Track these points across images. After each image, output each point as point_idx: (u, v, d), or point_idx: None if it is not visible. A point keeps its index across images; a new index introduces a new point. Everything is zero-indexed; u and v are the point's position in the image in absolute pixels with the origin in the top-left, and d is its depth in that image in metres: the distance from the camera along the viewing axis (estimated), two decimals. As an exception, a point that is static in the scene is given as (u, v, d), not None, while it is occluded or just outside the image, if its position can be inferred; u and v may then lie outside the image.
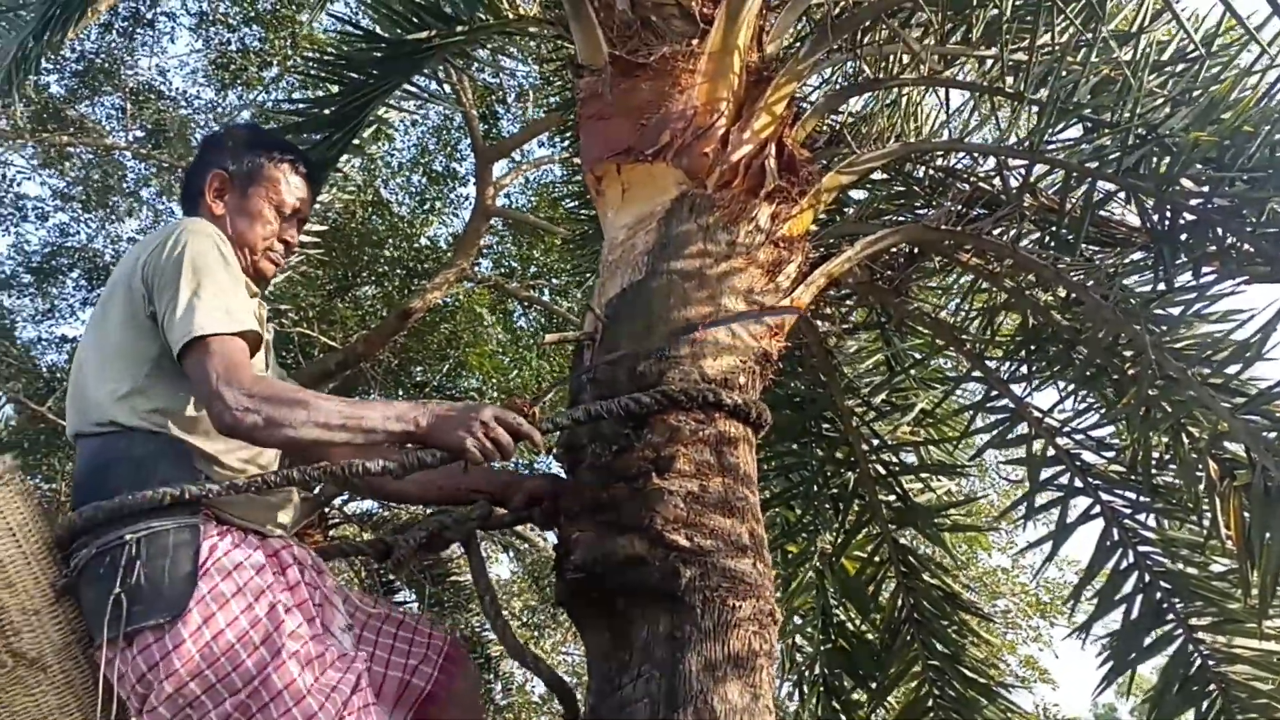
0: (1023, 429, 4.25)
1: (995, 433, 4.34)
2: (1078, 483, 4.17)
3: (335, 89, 5.24)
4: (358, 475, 2.65)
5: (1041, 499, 4.29)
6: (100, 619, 2.35)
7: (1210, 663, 3.98)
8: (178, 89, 15.38)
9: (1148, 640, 4.08)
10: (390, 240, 14.11)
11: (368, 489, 3.12)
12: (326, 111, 5.16)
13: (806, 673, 5.10)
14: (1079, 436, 4.21)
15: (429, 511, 3.17)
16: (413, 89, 5.35)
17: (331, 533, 13.45)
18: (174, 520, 2.44)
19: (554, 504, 3.10)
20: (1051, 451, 4.21)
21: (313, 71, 5.78)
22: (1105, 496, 4.16)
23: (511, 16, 4.71)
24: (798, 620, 5.16)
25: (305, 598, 2.56)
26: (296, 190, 2.93)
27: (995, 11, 3.97)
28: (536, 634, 17.35)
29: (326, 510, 13.32)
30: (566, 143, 8.51)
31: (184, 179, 2.98)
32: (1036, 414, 4.22)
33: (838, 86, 4.19)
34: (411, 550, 2.96)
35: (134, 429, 2.52)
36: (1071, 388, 4.15)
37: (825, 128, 4.18)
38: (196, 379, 2.46)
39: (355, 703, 2.46)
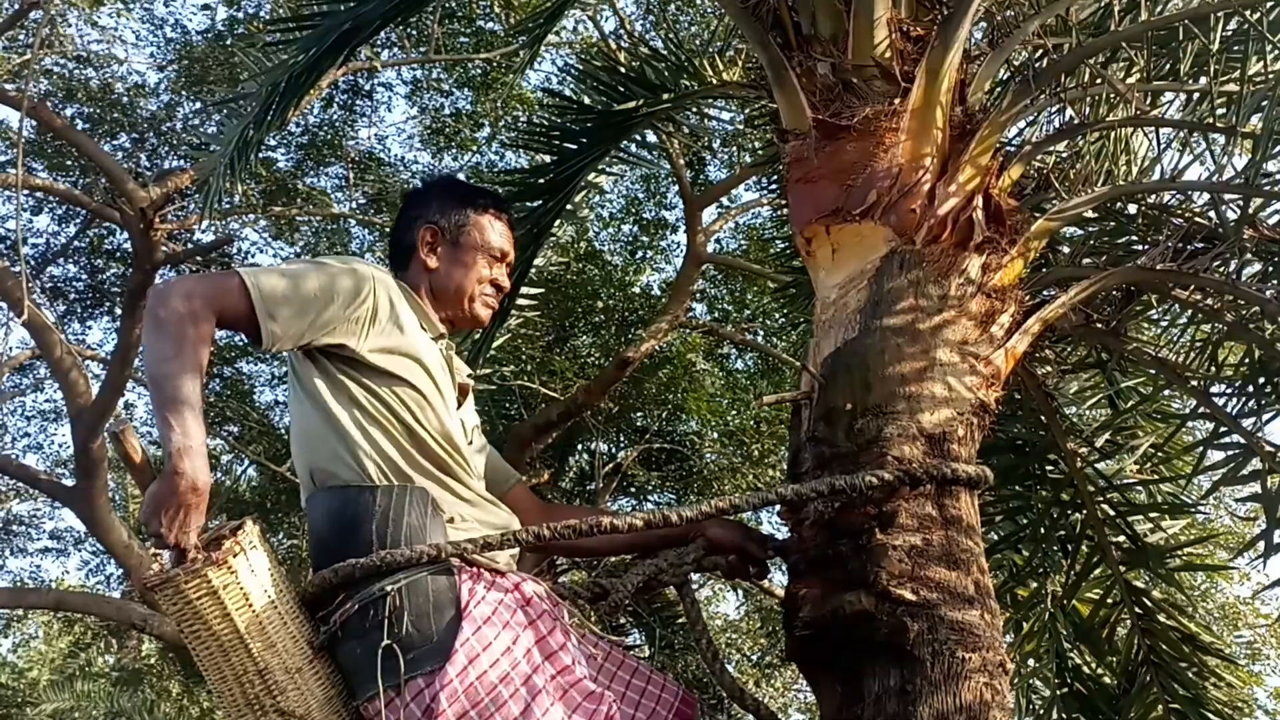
0: (1256, 465, 4.13)
1: (1226, 470, 4.22)
2: (1318, 517, 4.03)
3: (548, 158, 5.45)
4: (603, 532, 2.80)
5: (1280, 534, 4.15)
6: (369, 671, 2.46)
7: None
8: (396, 155, 15.94)
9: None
10: (604, 290, 14.39)
11: (560, 548, 3.19)
12: (541, 181, 5.37)
13: (1044, 718, 5.02)
14: (1316, 469, 4.07)
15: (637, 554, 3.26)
16: (622, 154, 5.53)
17: (561, 579, 13.73)
18: (428, 567, 2.56)
19: (740, 556, 3.13)
20: (1288, 487, 4.08)
21: (528, 142, 6.02)
22: (1348, 530, 4.01)
23: (715, 83, 4.83)
24: (1032, 664, 5.09)
25: (546, 631, 2.63)
26: (501, 235, 3.10)
27: (1202, 44, 3.93)
28: (766, 674, 17.33)
29: (555, 559, 13.59)
30: (774, 185, 8.59)
31: (390, 238, 3.16)
32: (1269, 448, 4.10)
33: (1042, 132, 4.17)
34: (627, 593, 3.04)
35: (375, 483, 2.63)
36: (1304, 420, 4.03)
37: (1032, 173, 4.17)
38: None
39: None
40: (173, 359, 2.45)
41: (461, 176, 14.76)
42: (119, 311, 14.12)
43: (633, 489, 15.59)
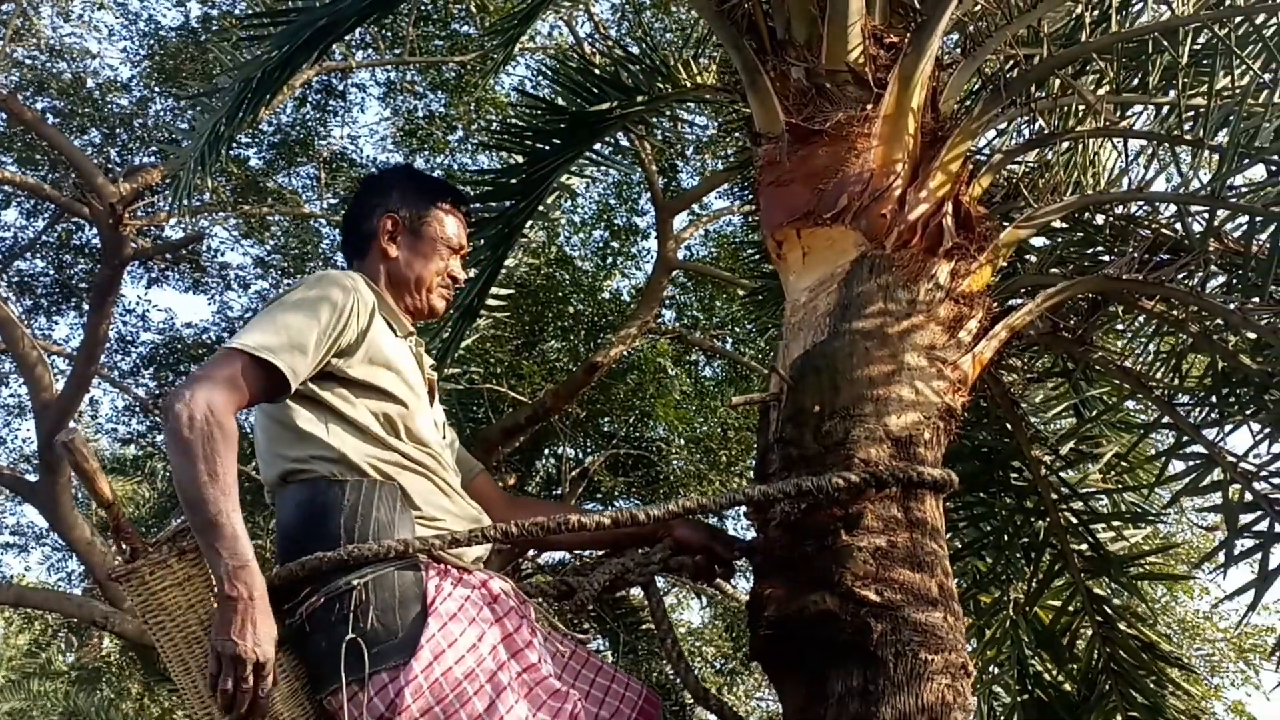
0: (1217, 475, 4.17)
1: (1189, 480, 4.26)
2: (1278, 528, 4.06)
3: (520, 158, 5.46)
4: (571, 530, 2.82)
5: (1243, 544, 4.18)
6: (332, 665, 2.46)
7: None
8: (368, 156, 15.91)
9: (1361, 688, 3.94)
10: (574, 295, 14.41)
11: (527, 542, 3.21)
12: (513, 181, 5.37)
13: (1004, 724, 5.05)
14: (1277, 481, 4.11)
15: (604, 553, 3.27)
16: (594, 156, 5.53)
17: (525, 582, 13.65)
18: (395, 562, 2.56)
19: (707, 556, 3.16)
20: (1249, 497, 4.11)
21: (501, 141, 6.03)
22: (1308, 542, 4.03)
23: (689, 86, 4.85)
24: (994, 670, 5.12)
25: (513, 629, 2.65)
26: (459, 227, 3.13)
27: (1171, 58, 3.97)
28: (729, 681, 17.34)
29: (520, 561, 13.57)
30: (745, 193, 8.64)
31: (346, 224, 3.14)
32: (1231, 459, 4.14)
33: (1013, 141, 4.20)
34: (594, 592, 3.07)
35: (342, 477, 2.64)
36: (1266, 431, 4.06)
37: (1001, 182, 4.20)
38: (198, 367, 2.62)
39: None
40: (206, 480, 2.42)
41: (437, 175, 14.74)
42: (86, 307, 14.04)
43: (599, 494, 15.59)
